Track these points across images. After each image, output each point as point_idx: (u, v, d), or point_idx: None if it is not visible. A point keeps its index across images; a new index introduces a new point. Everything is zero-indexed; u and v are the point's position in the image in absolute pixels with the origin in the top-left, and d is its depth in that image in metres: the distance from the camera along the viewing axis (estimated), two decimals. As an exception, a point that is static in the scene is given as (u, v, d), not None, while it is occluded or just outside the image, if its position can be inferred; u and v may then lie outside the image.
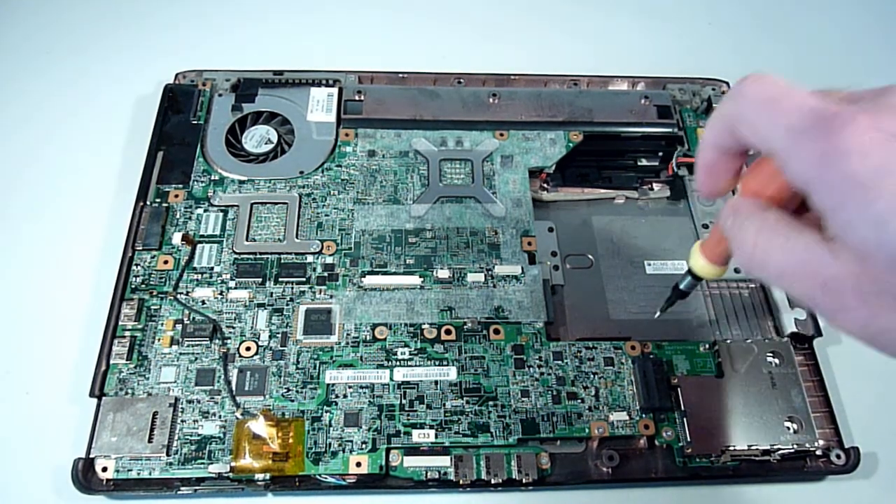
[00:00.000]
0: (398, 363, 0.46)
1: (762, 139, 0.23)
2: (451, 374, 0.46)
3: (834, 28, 0.72)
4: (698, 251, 0.33)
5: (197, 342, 0.46)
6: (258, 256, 0.50)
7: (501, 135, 0.57)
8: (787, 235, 0.23)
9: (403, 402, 0.44)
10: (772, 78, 0.23)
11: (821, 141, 0.20)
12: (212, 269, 0.49)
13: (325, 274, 0.49)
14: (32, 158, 0.57)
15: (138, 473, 0.41)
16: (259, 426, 0.42)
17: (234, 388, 0.44)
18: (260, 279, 0.49)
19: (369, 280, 0.49)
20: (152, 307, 0.47)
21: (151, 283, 0.48)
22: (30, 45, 0.65)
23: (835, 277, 0.21)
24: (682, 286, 0.37)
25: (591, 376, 0.46)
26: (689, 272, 0.34)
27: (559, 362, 0.46)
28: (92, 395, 0.44)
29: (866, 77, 0.68)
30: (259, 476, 0.42)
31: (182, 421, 0.43)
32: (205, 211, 0.52)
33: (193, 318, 0.47)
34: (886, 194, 0.19)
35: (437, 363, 0.46)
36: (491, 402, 0.45)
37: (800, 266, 0.22)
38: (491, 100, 0.58)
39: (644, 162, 0.59)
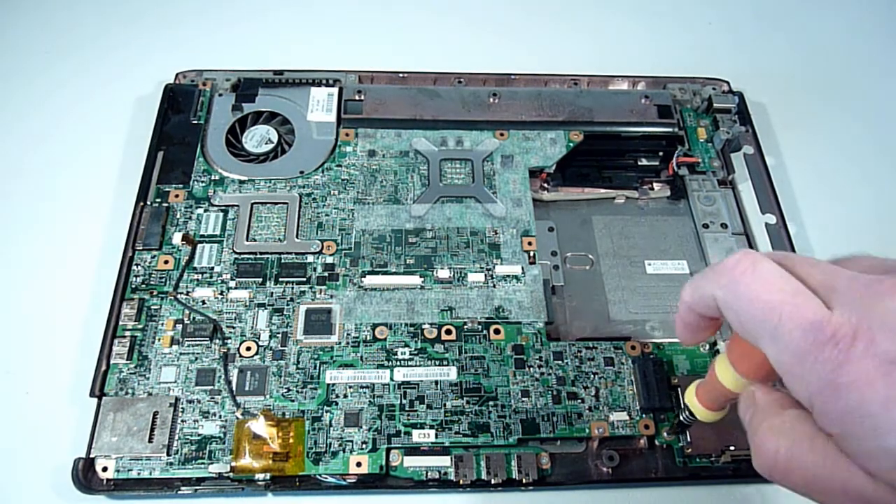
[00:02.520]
0: (398, 363, 0.46)
1: (754, 340, 0.23)
2: (452, 374, 0.46)
3: (834, 28, 0.72)
4: (694, 394, 0.31)
5: (197, 342, 0.46)
6: (258, 256, 0.50)
7: (501, 134, 0.57)
8: (812, 449, 0.22)
9: (403, 402, 0.44)
10: (766, 269, 0.22)
11: (823, 368, 0.20)
12: (212, 269, 0.49)
13: (326, 274, 0.49)
14: (32, 158, 0.57)
15: (138, 473, 0.41)
16: (259, 426, 0.42)
17: (234, 388, 0.44)
18: (260, 279, 0.49)
19: (369, 280, 0.49)
20: (152, 307, 0.47)
21: (151, 283, 0.48)
22: (30, 45, 0.65)
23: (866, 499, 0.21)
24: (682, 418, 0.36)
25: (592, 376, 0.46)
26: (687, 409, 0.33)
27: (559, 362, 0.46)
28: (92, 395, 0.44)
29: (866, 77, 0.68)
30: (259, 476, 0.42)
31: (182, 421, 0.43)
32: (205, 211, 0.52)
33: (193, 318, 0.47)
34: None
35: (437, 363, 0.46)
36: (491, 402, 0.45)
37: (827, 483, 0.21)
38: (491, 99, 0.58)
39: (644, 162, 0.59)
